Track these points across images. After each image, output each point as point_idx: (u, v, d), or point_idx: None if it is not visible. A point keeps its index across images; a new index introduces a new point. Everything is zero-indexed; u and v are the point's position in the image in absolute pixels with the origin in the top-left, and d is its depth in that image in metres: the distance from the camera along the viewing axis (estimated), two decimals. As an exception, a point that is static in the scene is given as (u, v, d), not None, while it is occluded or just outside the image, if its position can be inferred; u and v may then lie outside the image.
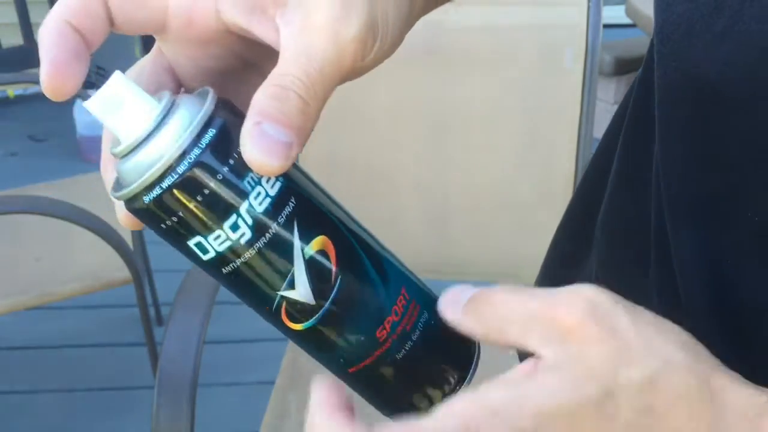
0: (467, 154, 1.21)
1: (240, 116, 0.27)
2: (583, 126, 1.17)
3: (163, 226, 0.27)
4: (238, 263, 0.27)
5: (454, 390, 0.30)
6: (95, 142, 2.84)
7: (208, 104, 0.27)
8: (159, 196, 0.26)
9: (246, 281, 0.28)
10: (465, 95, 1.17)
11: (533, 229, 1.24)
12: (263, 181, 0.27)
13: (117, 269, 1.35)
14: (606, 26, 1.13)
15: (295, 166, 0.28)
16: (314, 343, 0.30)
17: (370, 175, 1.17)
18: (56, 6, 0.27)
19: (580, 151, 1.18)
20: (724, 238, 0.32)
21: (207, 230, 0.27)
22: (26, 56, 2.87)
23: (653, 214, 0.37)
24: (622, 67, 2.81)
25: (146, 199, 0.26)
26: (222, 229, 0.26)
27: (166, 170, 0.26)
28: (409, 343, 0.29)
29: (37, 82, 2.11)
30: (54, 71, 0.27)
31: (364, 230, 0.30)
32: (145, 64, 0.31)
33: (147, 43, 2.71)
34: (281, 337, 0.34)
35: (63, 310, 1.88)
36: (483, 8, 1.16)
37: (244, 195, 0.26)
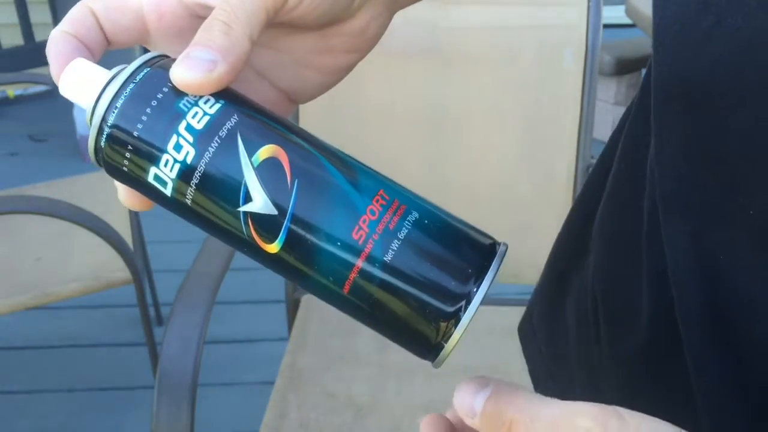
0: (467, 154, 1.21)
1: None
2: (583, 126, 1.17)
3: (124, 169, 0.29)
4: (194, 186, 0.28)
5: (472, 291, 0.27)
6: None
7: (146, 55, 0.29)
8: (107, 139, 0.29)
9: (209, 206, 0.28)
10: (465, 95, 1.17)
11: (533, 229, 1.24)
12: (200, 102, 0.28)
13: (117, 269, 1.35)
14: (606, 26, 1.14)
15: (244, 97, 0.30)
16: (297, 264, 0.28)
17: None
18: (62, 22, 0.31)
19: (580, 151, 1.18)
20: (719, 234, 0.32)
21: (155, 158, 0.28)
22: (26, 56, 2.87)
23: (646, 212, 0.37)
24: (622, 67, 2.81)
25: (101, 147, 0.29)
26: (167, 151, 0.28)
27: (105, 111, 0.28)
28: (396, 242, 0.27)
29: (37, 82, 2.12)
30: (59, 63, 0.30)
31: (331, 145, 0.30)
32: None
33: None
34: (281, 336, 0.34)
35: (63, 310, 1.88)
36: (483, 8, 1.16)
37: (180, 115, 0.28)
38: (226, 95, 0.29)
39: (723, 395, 0.33)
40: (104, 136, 0.29)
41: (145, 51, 0.32)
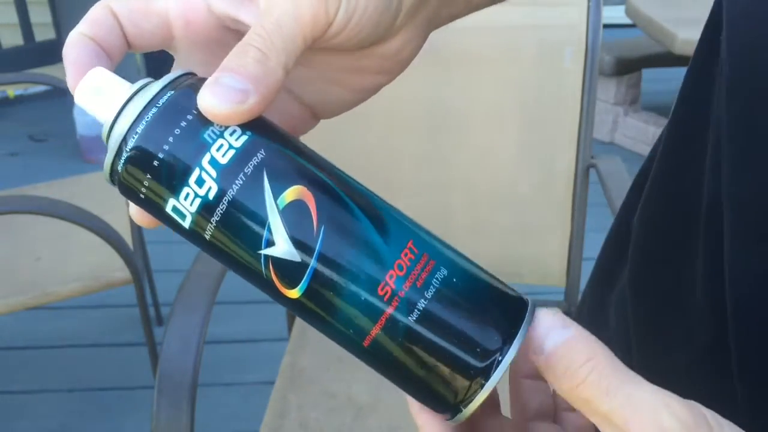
0: (467, 154, 1.21)
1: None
2: (583, 126, 1.17)
3: (141, 196, 0.27)
4: (214, 223, 0.26)
5: (496, 360, 0.26)
6: (95, 142, 2.83)
7: (171, 74, 0.28)
8: (125, 162, 0.27)
9: (229, 244, 0.27)
10: (465, 95, 1.17)
11: (533, 229, 1.24)
12: (226, 134, 0.26)
13: (117, 269, 1.35)
14: (606, 26, 1.14)
15: (272, 125, 0.28)
16: (317, 311, 0.27)
17: (368, 175, 1.17)
18: (77, 26, 0.30)
19: (580, 151, 1.18)
20: None
21: (175, 189, 0.26)
22: (26, 56, 2.87)
23: (704, 207, 0.36)
24: (622, 67, 2.81)
25: (117, 170, 0.27)
26: (188, 185, 0.26)
27: (126, 134, 0.26)
28: (423, 301, 0.25)
29: (37, 82, 2.11)
30: (76, 71, 0.28)
31: (360, 185, 0.28)
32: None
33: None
34: (281, 337, 0.34)
35: (63, 310, 1.88)
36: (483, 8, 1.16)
37: (204, 147, 0.26)
38: (254, 125, 0.27)
39: (766, 389, 0.32)
40: (122, 160, 0.27)
41: (146, 57, 0.32)
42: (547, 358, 0.25)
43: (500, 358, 0.26)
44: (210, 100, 0.26)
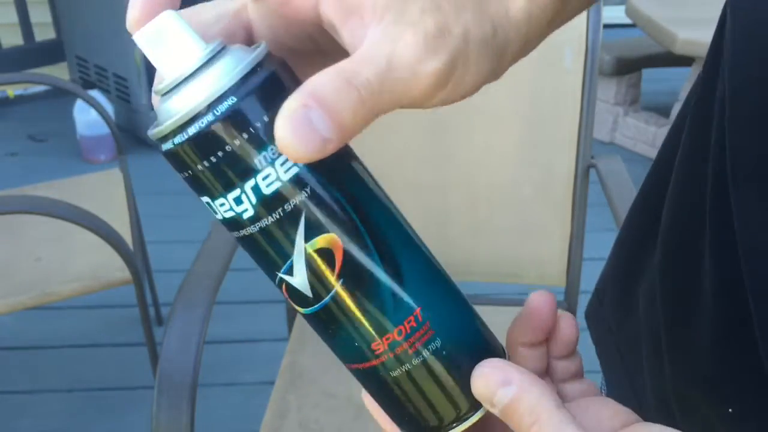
0: (467, 154, 1.21)
1: (286, 81, 0.26)
2: (583, 126, 1.17)
3: (183, 174, 0.27)
4: (241, 234, 0.27)
5: (458, 419, 0.29)
6: (95, 142, 2.84)
7: (250, 60, 0.25)
8: (176, 144, 0.25)
9: (251, 251, 0.27)
10: (465, 95, 1.17)
11: (533, 229, 1.24)
12: (277, 163, 0.25)
13: (117, 269, 1.35)
14: (606, 26, 1.14)
15: (333, 157, 0.26)
16: (315, 327, 0.29)
17: (370, 175, 1.17)
18: None
19: (580, 151, 1.18)
20: None
21: (212, 195, 0.26)
22: (26, 56, 2.87)
23: (710, 185, 0.36)
24: (622, 67, 2.81)
25: (168, 143, 0.26)
26: (226, 198, 0.26)
27: (187, 123, 0.25)
28: (407, 365, 0.28)
29: (37, 82, 2.11)
30: (144, 11, 0.26)
31: (404, 239, 0.28)
32: (225, 12, 0.30)
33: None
34: (281, 337, 0.34)
35: (63, 310, 1.88)
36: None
37: (252, 172, 0.25)
38: None
39: None
40: (174, 140, 0.25)
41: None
42: (502, 415, 0.27)
43: (468, 417, 0.29)
44: (290, 140, 0.24)
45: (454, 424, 0.29)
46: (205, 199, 0.26)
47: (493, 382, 0.28)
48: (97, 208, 1.30)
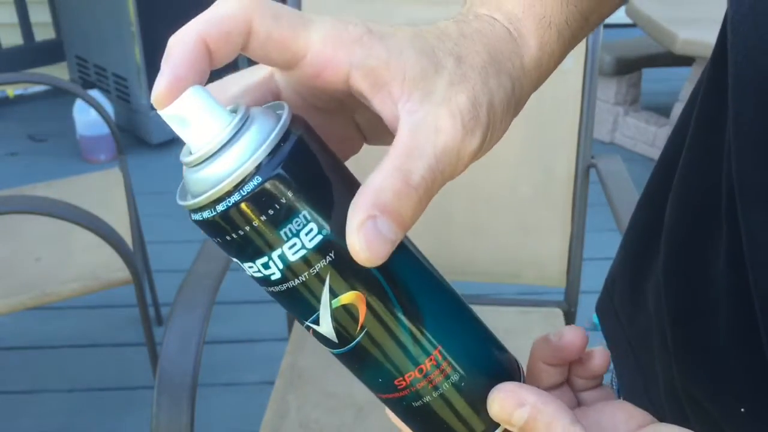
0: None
1: (311, 146, 0.27)
2: (583, 126, 1.17)
3: (212, 239, 0.28)
4: (270, 290, 0.29)
5: None
6: (95, 142, 2.84)
7: (273, 139, 0.26)
8: (205, 219, 0.27)
9: (280, 303, 0.29)
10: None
11: (533, 229, 1.24)
12: (302, 233, 0.27)
13: (117, 269, 1.35)
14: (606, 26, 1.13)
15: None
16: (343, 364, 0.31)
17: (368, 175, 1.17)
18: (199, 20, 0.27)
19: (580, 151, 1.18)
20: None
21: (241, 260, 0.28)
22: (26, 56, 2.87)
23: (724, 192, 0.36)
24: (622, 67, 2.81)
25: (198, 215, 0.27)
26: (254, 263, 0.28)
27: (215, 201, 0.26)
28: (428, 397, 0.30)
29: (37, 82, 2.11)
30: (170, 88, 0.26)
31: (426, 284, 0.30)
32: (251, 84, 0.31)
33: (147, 47, 2.72)
34: (281, 337, 0.35)
35: (63, 310, 1.88)
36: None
37: (279, 242, 0.27)
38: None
39: None
40: (203, 214, 0.27)
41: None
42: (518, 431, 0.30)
43: None
44: (365, 252, 0.26)
45: None
46: (236, 261, 0.29)
47: (509, 405, 0.29)
48: (97, 208, 1.30)
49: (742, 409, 0.32)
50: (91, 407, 1.67)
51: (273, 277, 0.28)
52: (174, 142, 2.64)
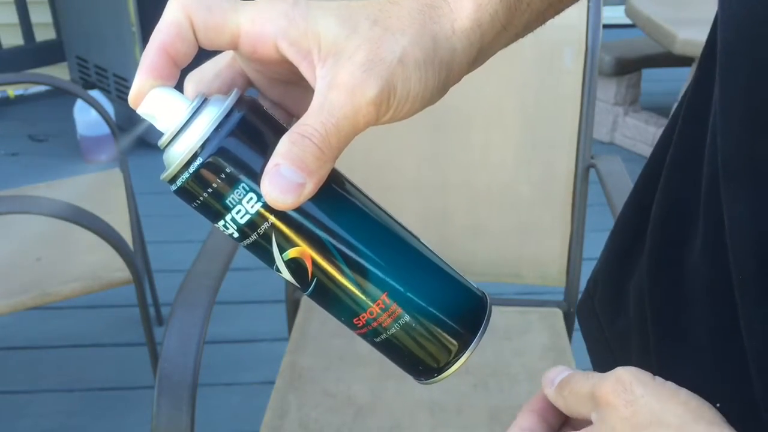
0: (467, 154, 1.21)
1: (255, 123, 0.33)
2: (583, 126, 1.17)
3: (194, 204, 0.34)
4: (242, 246, 0.34)
5: (448, 363, 0.36)
6: (95, 142, 2.83)
7: (222, 111, 0.32)
8: (177, 188, 0.33)
9: (254, 255, 0.35)
10: (465, 95, 1.17)
11: (533, 229, 1.24)
12: (244, 201, 0.32)
13: (117, 269, 1.35)
14: (606, 26, 1.14)
15: None
16: (316, 302, 0.36)
17: (369, 175, 1.17)
18: (156, 30, 0.33)
19: (580, 151, 1.18)
20: None
21: (210, 220, 0.34)
22: (26, 56, 2.87)
23: (705, 179, 0.37)
24: (622, 67, 2.81)
25: (173, 186, 0.33)
26: (218, 224, 0.33)
27: (183, 167, 0.32)
28: (384, 335, 0.35)
29: (37, 82, 2.11)
30: (136, 93, 0.33)
31: (370, 236, 0.34)
32: (221, 67, 0.36)
33: (147, 43, 2.71)
34: (281, 337, 0.36)
35: (63, 310, 1.88)
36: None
37: (227, 209, 0.32)
38: None
39: None
40: (172, 186, 0.33)
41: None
42: (555, 387, 0.37)
43: (458, 357, 0.36)
44: (275, 194, 0.31)
45: (447, 366, 0.36)
46: (212, 220, 0.34)
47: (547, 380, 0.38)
48: (97, 208, 1.29)
49: (718, 405, 0.33)
50: (91, 407, 1.67)
51: (234, 236, 0.33)
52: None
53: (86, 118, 2.54)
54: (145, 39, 2.53)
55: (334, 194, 0.34)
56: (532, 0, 0.37)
